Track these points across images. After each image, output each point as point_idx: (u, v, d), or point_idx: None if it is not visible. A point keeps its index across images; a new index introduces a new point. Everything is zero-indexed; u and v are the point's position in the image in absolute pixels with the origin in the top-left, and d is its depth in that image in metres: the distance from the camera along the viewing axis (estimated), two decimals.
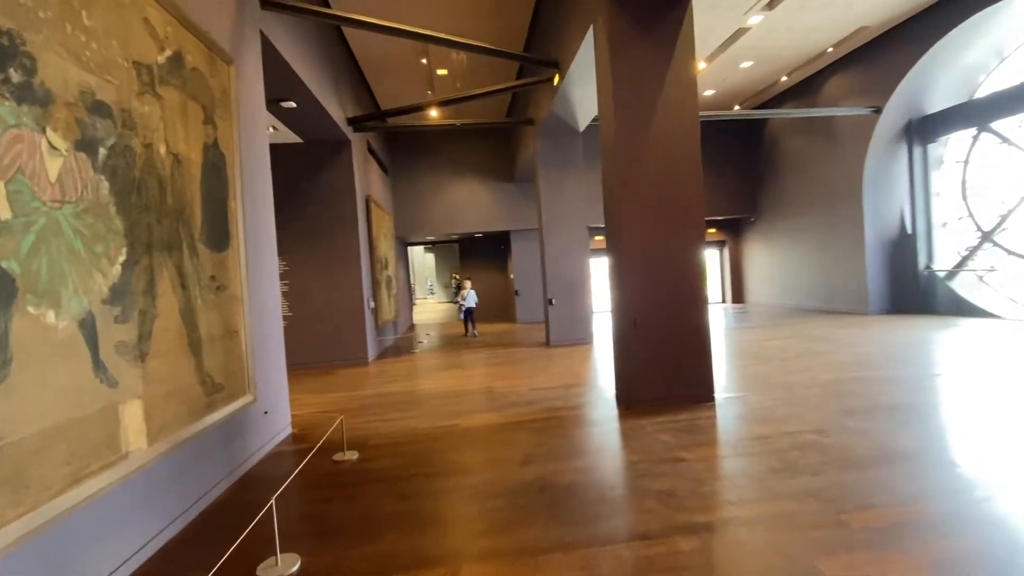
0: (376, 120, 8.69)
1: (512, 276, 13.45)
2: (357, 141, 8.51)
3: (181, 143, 2.91)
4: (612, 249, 4.61)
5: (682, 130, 4.41)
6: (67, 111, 2.04)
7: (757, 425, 3.77)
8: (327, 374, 7.34)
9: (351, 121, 7.96)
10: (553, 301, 8.36)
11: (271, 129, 7.33)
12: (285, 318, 7.93)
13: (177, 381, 2.73)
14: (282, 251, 7.95)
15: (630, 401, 4.41)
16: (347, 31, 7.74)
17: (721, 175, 13.62)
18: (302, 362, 8.00)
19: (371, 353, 8.37)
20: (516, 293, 12.97)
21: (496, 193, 12.60)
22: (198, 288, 3.01)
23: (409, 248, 28.51)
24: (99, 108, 2.24)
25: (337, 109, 7.26)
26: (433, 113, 11.18)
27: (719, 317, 11.75)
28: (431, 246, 27.35)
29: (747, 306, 14.06)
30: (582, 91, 6.42)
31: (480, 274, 15.69)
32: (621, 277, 4.43)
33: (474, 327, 11.09)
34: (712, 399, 4.41)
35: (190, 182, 2.99)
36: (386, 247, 10.34)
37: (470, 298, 11.08)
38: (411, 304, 15.26)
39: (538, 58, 6.82)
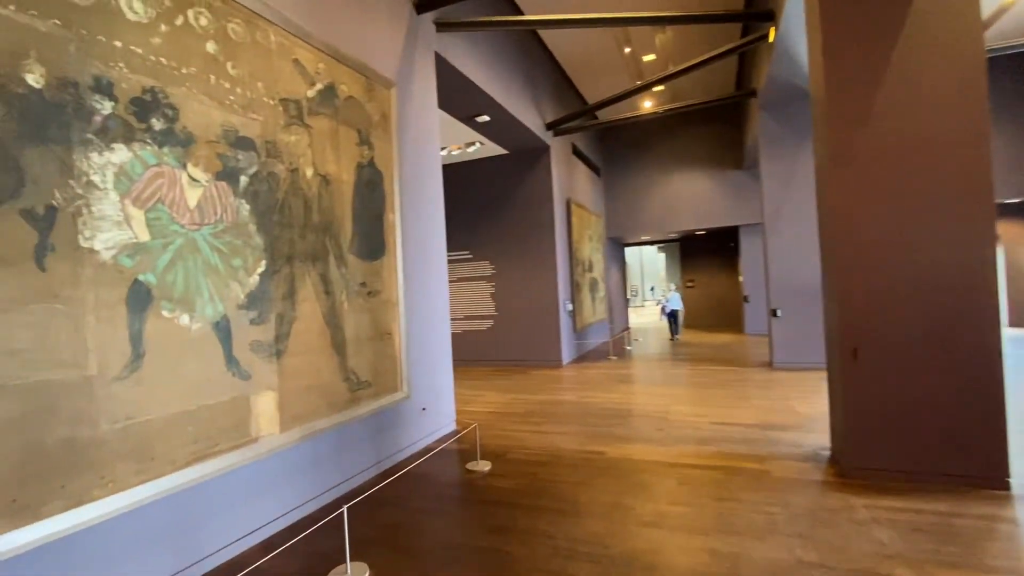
0: (578, 119, 8.54)
1: (741, 279, 11.56)
2: (558, 145, 8.54)
3: (331, 165, 3.27)
4: (824, 244, 3.34)
5: (948, 71, 2.85)
6: (208, 148, 2.45)
7: None
8: (520, 373, 7.56)
9: (550, 126, 8.01)
10: (778, 312, 6.74)
11: (478, 144, 7.96)
12: (491, 317, 8.54)
13: (317, 377, 3.07)
14: (489, 256, 8.59)
15: (849, 466, 3.10)
16: (542, 32, 7.80)
17: None
18: (502, 359, 8.49)
19: (566, 356, 8.30)
20: (746, 299, 11.09)
21: (721, 183, 10.99)
22: (345, 294, 3.35)
23: (641, 248, 27.79)
24: (242, 143, 2.64)
25: (533, 116, 7.38)
26: (647, 104, 10.49)
27: None
28: (662, 246, 26.04)
29: None
30: (804, 41, 4.89)
31: (704, 276, 14.04)
32: (834, 285, 3.15)
33: (678, 331, 10.30)
34: (1006, 485, 2.75)
35: (340, 199, 3.34)
36: (590, 249, 10.13)
37: (673, 300, 10.06)
38: (626, 307, 14.68)
39: (749, 12, 5.54)
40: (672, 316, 10.29)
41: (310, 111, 3.12)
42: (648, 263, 28.63)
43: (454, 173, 8.94)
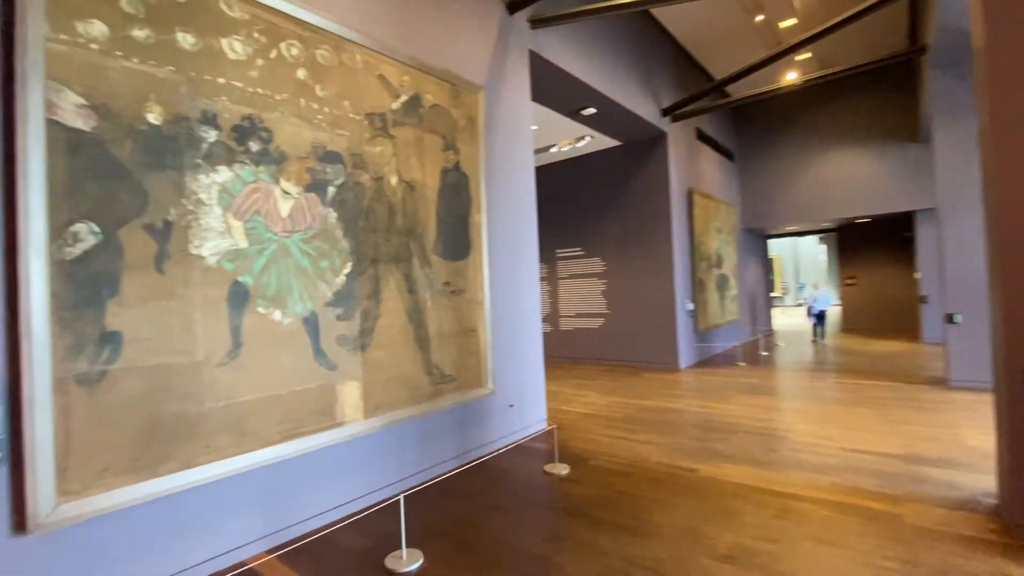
0: (703, 99, 7.81)
1: (918, 275, 9.56)
2: (678, 132, 7.95)
3: (415, 172, 3.46)
4: (988, 232, 2.59)
5: None
6: (299, 164, 2.77)
7: None
8: (631, 375, 7.23)
9: (667, 111, 7.48)
10: (956, 318, 5.43)
11: (588, 138, 7.77)
12: (602, 315, 8.33)
13: (399, 369, 3.29)
14: (601, 252, 8.38)
15: (1013, 521, 2.37)
16: (657, 12, 7.29)
17: None
18: (614, 359, 8.21)
19: (684, 359, 7.71)
20: (923, 300, 9.14)
21: (891, 160, 9.19)
22: (429, 292, 3.53)
23: (796, 240, 24.52)
24: (329, 157, 2.93)
25: (647, 103, 6.97)
26: (790, 76, 9.21)
27: None
28: (824, 236, 22.74)
29: None
30: None
31: (868, 272, 11.91)
32: (999, 286, 2.42)
33: (823, 334, 9.07)
34: None
35: (424, 204, 3.52)
36: (719, 242, 9.25)
37: (821, 299, 8.71)
38: (769, 306, 13.09)
39: None
40: (819, 317, 8.96)
41: (394, 122, 3.33)
42: (805, 257, 25.24)
43: (564, 169, 8.87)
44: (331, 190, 2.93)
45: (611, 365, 8.14)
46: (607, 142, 8.02)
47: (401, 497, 2.49)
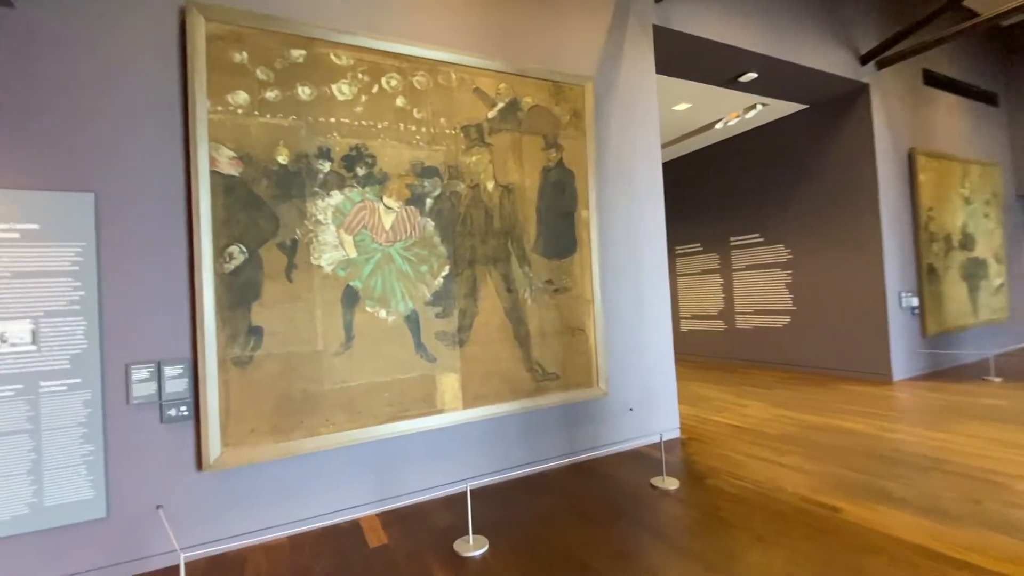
0: (924, 29, 5.99)
1: None
2: (889, 79, 6.30)
3: (512, 175, 3.58)
4: None
5: None
6: (399, 181, 3.16)
7: None
8: (818, 385, 6.06)
9: (867, 58, 5.98)
10: None
11: (759, 106, 6.74)
12: (787, 312, 7.23)
13: (497, 365, 3.47)
14: (783, 238, 7.30)
15: None
16: None
17: None
18: (802, 365, 7.00)
19: (900, 370, 6.10)
20: None
21: None
22: (528, 291, 3.61)
23: None
24: (427, 171, 3.26)
25: (834, 52, 5.71)
26: None
27: None
28: None
29: None
30: None
31: None
32: None
33: None
34: None
35: (522, 204, 3.61)
36: (968, 215, 7.01)
37: None
38: None
39: None
40: None
41: (491, 130, 3.50)
42: None
43: (734, 145, 7.86)
44: (429, 201, 3.26)
45: (798, 372, 6.94)
46: (787, 107, 6.82)
47: (467, 487, 2.66)
